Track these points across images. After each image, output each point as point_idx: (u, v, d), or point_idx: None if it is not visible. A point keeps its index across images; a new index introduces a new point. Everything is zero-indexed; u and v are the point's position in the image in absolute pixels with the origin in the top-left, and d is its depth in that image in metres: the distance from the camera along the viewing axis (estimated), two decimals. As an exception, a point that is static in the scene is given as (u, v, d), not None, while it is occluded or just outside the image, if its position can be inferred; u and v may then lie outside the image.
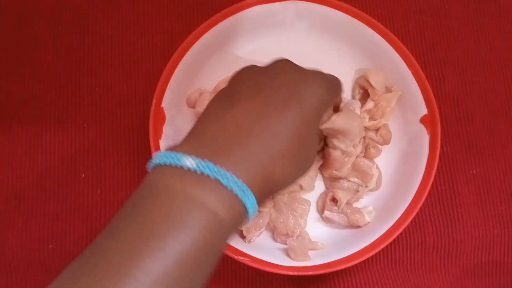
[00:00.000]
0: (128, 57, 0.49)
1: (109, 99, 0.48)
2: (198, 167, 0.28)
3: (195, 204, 0.27)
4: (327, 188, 0.46)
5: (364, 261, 0.41)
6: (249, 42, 0.47)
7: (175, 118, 0.44)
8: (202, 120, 0.33)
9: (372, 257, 0.41)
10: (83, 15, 0.50)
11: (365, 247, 0.41)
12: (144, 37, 0.50)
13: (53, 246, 0.45)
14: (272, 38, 0.47)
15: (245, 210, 0.29)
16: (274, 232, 0.44)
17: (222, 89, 0.35)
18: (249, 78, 0.34)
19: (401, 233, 0.42)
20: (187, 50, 0.44)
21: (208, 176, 0.28)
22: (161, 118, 0.43)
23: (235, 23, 0.45)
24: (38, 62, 0.49)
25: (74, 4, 0.50)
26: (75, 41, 0.50)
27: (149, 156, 0.42)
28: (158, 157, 0.29)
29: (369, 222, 0.44)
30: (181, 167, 0.28)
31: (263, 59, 0.47)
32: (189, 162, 0.28)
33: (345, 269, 0.44)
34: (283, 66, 0.35)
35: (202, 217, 0.27)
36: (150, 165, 0.30)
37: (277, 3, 0.46)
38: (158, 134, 0.42)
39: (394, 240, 0.41)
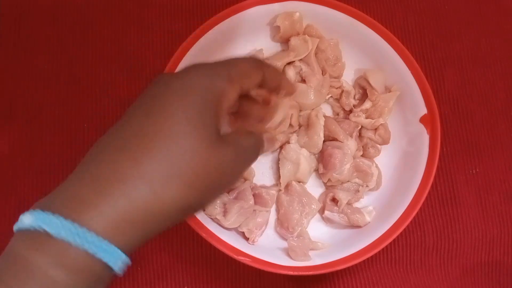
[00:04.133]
0: (128, 57, 0.49)
1: (109, 99, 0.48)
2: (32, 221, 0.25)
3: (28, 271, 0.24)
4: (327, 188, 0.46)
5: (364, 261, 0.41)
6: (249, 43, 0.47)
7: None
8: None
9: (372, 257, 0.41)
10: (83, 15, 0.50)
11: (365, 247, 0.41)
12: (144, 37, 0.50)
13: (53, 246, 0.45)
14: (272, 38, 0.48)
15: (106, 265, 0.25)
16: (277, 221, 0.44)
17: None
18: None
19: (401, 233, 0.42)
20: (188, 50, 0.44)
21: (47, 233, 0.24)
22: (161, 119, 0.42)
23: (235, 24, 0.45)
24: (38, 62, 0.49)
25: (74, 4, 0.50)
26: (75, 41, 0.50)
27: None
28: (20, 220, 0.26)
29: (369, 222, 0.44)
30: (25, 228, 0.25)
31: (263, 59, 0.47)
32: (27, 219, 0.25)
33: (345, 269, 0.44)
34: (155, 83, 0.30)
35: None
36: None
37: (276, 4, 0.46)
38: (158, 134, 0.42)
39: (394, 240, 0.42)
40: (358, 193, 0.45)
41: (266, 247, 0.43)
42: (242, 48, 0.47)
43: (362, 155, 0.46)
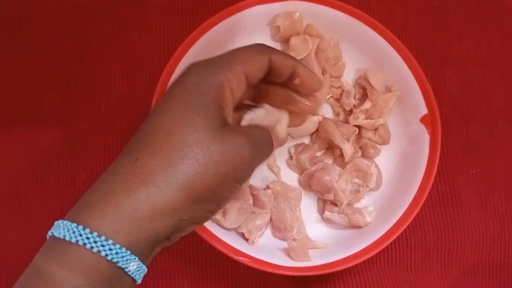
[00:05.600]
0: (128, 57, 0.49)
1: (109, 99, 0.48)
2: (54, 231, 0.26)
3: (48, 281, 0.25)
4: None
5: (364, 261, 0.41)
6: (249, 42, 0.47)
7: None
8: None
9: (372, 257, 0.41)
10: (83, 15, 0.50)
11: (366, 248, 0.41)
12: (144, 37, 0.50)
13: (53, 246, 0.45)
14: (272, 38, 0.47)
15: (121, 268, 0.26)
16: (273, 227, 0.44)
17: None
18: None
19: (401, 233, 0.42)
20: (187, 50, 0.44)
21: (63, 240, 0.25)
22: (161, 118, 0.42)
23: (235, 23, 0.45)
24: (38, 62, 0.49)
25: (74, 4, 0.50)
26: (75, 41, 0.50)
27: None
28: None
29: (369, 222, 0.44)
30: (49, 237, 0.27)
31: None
32: (52, 231, 0.26)
33: (345, 269, 0.44)
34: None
35: None
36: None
37: (276, 3, 0.46)
38: (158, 134, 0.42)
39: (395, 240, 0.41)
40: (358, 194, 0.45)
41: (266, 248, 0.43)
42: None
43: (361, 155, 0.46)
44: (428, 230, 0.47)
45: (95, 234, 0.25)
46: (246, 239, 0.43)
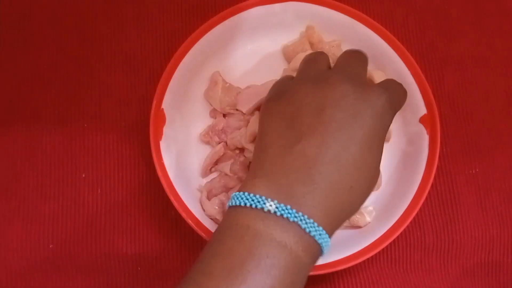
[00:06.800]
0: (128, 57, 0.49)
1: (109, 99, 0.48)
2: (278, 210, 0.30)
3: (278, 246, 0.29)
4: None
5: (364, 261, 0.41)
6: (249, 43, 0.47)
7: (175, 119, 0.44)
8: (269, 154, 0.33)
9: (372, 257, 0.41)
10: (83, 15, 0.50)
11: (365, 247, 0.41)
12: (144, 37, 0.50)
13: (53, 246, 0.45)
14: (271, 39, 0.47)
15: (320, 249, 0.31)
16: None
17: (278, 106, 0.35)
18: (308, 96, 0.34)
19: (401, 233, 0.42)
20: (188, 51, 0.44)
21: (287, 219, 0.29)
22: (161, 120, 0.43)
23: (235, 24, 0.45)
24: (38, 62, 0.49)
25: (74, 4, 0.50)
26: (75, 41, 0.50)
27: (149, 156, 0.42)
28: (239, 198, 0.31)
29: (369, 222, 0.44)
30: (262, 210, 0.30)
31: (262, 59, 0.47)
32: (269, 205, 0.30)
33: (345, 269, 0.44)
34: (340, 81, 0.34)
35: (285, 259, 0.29)
36: (230, 204, 0.32)
37: (276, 4, 0.46)
38: (158, 135, 0.42)
39: (394, 240, 0.42)
40: (358, 194, 0.45)
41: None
42: (242, 49, 0.47)
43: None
44: (427, 230, 0.47)
45: (300, 213, 0.30)
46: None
